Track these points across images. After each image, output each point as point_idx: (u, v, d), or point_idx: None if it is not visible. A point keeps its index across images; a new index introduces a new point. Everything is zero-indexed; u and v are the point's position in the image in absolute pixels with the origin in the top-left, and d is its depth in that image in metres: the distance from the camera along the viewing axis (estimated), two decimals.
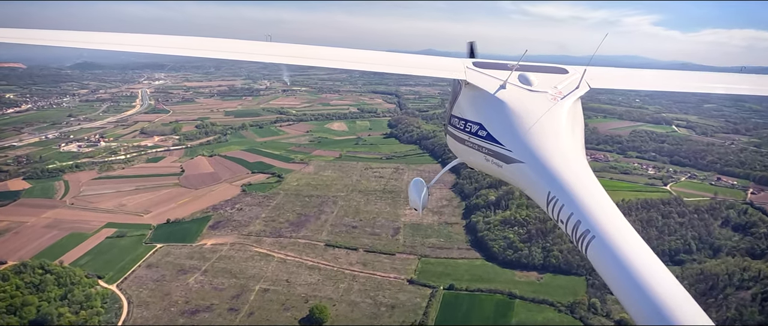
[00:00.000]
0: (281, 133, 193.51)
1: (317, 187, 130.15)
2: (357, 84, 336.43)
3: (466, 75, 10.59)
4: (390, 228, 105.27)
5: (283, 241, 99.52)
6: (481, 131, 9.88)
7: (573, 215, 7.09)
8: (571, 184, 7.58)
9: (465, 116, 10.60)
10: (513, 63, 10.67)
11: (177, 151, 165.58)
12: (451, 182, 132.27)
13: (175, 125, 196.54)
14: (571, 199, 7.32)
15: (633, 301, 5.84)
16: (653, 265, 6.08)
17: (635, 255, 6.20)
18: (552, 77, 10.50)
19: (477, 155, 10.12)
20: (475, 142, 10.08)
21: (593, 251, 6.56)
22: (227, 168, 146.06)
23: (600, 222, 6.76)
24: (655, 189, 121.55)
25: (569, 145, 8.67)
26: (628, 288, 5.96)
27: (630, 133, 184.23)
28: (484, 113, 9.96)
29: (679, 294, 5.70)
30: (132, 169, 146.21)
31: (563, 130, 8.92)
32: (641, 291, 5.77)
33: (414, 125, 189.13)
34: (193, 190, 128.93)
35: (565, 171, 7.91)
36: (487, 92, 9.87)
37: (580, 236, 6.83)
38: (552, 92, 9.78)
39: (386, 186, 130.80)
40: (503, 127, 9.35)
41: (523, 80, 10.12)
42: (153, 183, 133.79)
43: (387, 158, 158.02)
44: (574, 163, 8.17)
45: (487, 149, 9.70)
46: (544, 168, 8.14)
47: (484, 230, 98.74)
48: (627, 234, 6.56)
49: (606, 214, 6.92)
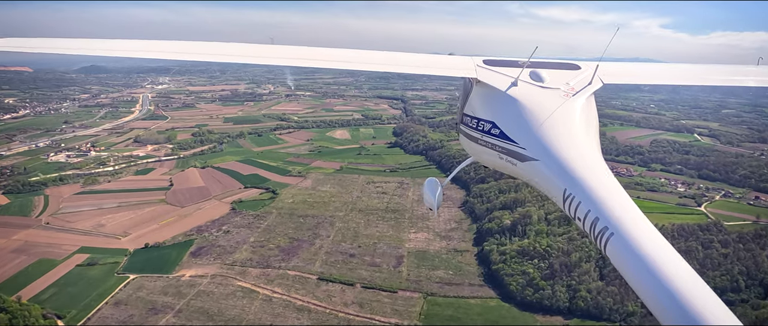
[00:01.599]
0: (280, 141, 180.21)
1: (313, 205, 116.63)
2: (362, 88, 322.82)
3: (477, 73, 10.29)
4: (392, 256, 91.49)
5: (271, 273, 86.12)
6: (494, 129, 9.57)
7: (590, 212, 6.77)
8: (588, 181, 7.25)
9: (477, 115, 10.30)
10: (523, 60, 10.28)
11: (169, 161, 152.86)
12: (460, 200, 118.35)
13: (170, 133, 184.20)
14: (588, 196, 6.99)
15: (658, 301, 5.48)
16: (677, 263, 5.75)
17: (657, 253, 5.86)
18: (564, 73, 10.14)
19: (491, 154, 9.80)
20: (488, 140, 9.77)
21: (613, 248, 6.25)
22: (219, 181, 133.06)
23: (619, 219, 6.44)
24: (689, 210, 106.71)
25: (584, 142, 8.34)
26: (651, 286, 5.60)
27: (650, 142, 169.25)
28: (497, 111, 9.68)
29: (706, 294, 5.32)
30: (118, 183, 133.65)
31: (578, 126, 8.64)
32: (666, 290, 5.41)
33: (420, 134, 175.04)
34: (178, 208, 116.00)
35: (581, 167, 7.56)
36: (498, 90, 9.62)
37: (598, 233, 6.51)
38: (564, 88, 9.45)
39: (389, 204, 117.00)
40: (516, 124, 9.04)
41: (535, 77, 9.82)
42: (138, 198, 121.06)
43: (391, 171, 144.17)
44: (590, 160, 7.83)
45: (500, 147, 9.37)
46: (560, 165, 7.80)
47: (499, 262, 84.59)
48: (647, 231, 6.25)
49: (624, 210, 6.61)
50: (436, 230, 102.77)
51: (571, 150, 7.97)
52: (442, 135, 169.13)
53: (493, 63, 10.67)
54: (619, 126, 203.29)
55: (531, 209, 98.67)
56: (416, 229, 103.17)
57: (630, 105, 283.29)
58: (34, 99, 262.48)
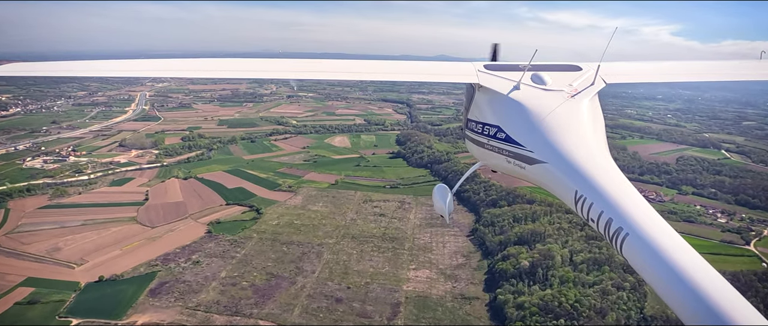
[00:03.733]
0: (274, 148, 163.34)
1: (301, 229, 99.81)
2: (367, 91, 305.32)
3: (479, 78, 10.08)
4: (387, 303, 74.41)
5: (239, 323, 69.47)
6: (499, 133, 9.45)
7: (604, 213, 6.61)
8: (599, 181, 7.07)
9: (482, 119, 10.19)
10: (524, 63, 9.84)
11: (150, 169, 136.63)
12: (469, 226, 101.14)
13: (158, 137, 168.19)
14: (601, 197, 6.82)
15: (680, 300, 5.31)
16: (697, 262, 5.52)
17: (675, 252, 5.67)
18: (566, 75, 9.87)
19: (498, 158, 9.69)
20: (495, 144, 9.65)
21: (629, 249, 6.06)
22: (199, 196, 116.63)
23: (633, 219, 6.24)
24: (737, 250, 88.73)
25: (592, 142, 8.13)
26: (672, 286, 5.43)
27: (677, 160, 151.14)
28: (501, 115, 9.55)
29: (730, 292, 5.08)
30: (89, 195, 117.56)
31: (584, 126, 8.47)
32: (688, 289, 5.21)
33: (425, 144, 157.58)
34: (148, 229, 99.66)
35: (591, 168, 7.37)
36: (501, 94, 9.43)
37: (613, 234, 6.32)
38: (567, 90, 9.26)
39: (387, 230, 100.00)
40: (522, 127, 8.90)
41: (537, 80, 9.59)
42: (106, 215, 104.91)
43: (391, 187, 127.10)
44: (600, 160, 7.63)
45: (507, 151, 9.22)
46: (570, 166, 7.62)
47: (516, 318, 67.24)
48: (663, 230, 6.03)
49: (638, 210, 6.39)
50: (440, 266, 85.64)
51: (579, 150, 7.75)
52: (449, 146, 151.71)
53: (494, 68, 10.42)
54: (640, 139, 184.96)
55: (553, 246, 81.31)
56: (417, 265, 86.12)
57: (646, 114, 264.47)
58: (30, 96, 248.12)
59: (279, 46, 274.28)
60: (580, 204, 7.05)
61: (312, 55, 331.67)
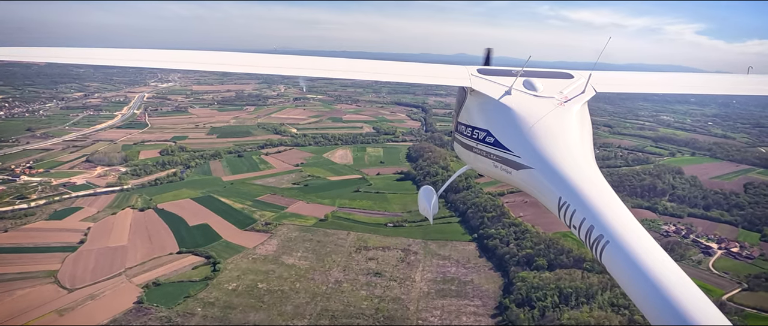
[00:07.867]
0: (262, 166, 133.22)
1: (263, 300, 69.67)
2: (381, 92, 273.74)
3: (471, 82, 9.75)
4: None
5: None
6: (488, 138, 9.16)
7: (585, 220, 6.49)
8: (583, 189, 6.91)
9: (472, 123, 9.87)
10: (517, 69, 9.78)
11: (106, 195, 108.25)
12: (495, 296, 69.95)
13: (133, 150, 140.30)
14: (583, 204, 6.68)
15: (649, 303, 5.32)
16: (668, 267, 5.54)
17: (650, 258, 5.65)
18: (557, 82, 9.64)
19: (485, 162, 9.42)
20: (483, 148, 9.39)
21: (608, 256, 5.98)
22: (150, 237, 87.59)
23: (613, 227, 6.16)
24: None
25: (578, 150, 7.91)
26: (643, 290, 5.44)
27: (744, 187, 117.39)
28: (491, 120, 9.26)
29: (696, 295, 5.18)
30: (16, 233, 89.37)
31: (572, 134, 8.22)
32: (657, 292, 5.25)
33: (439, 163, 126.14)
34: (64, 294, 70.90)
35: (576, 175, 7.21)
36: (492, 99, 9.15)
37: (594, 241, 6.22)
38: (558, 97, 9.01)
39: (382, 302, 69.36)
40: (511, 133, 8.65)
41: (529, 86, 9.35)
42: (20, 268, 76.64)
43: (395, 225, 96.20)
44: (585, 168, 7.44)
45: (495, 156, 9.00)
46: (555, 173, 7.45)
47: None
48: (641, 238, 6.00)
49: (619, 218, 6.32)
50: None
51: (565, 158, 7.63)
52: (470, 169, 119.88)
53: (487, 72, 10.12)
54: (691, 156, 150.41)
55: None
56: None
57: (685, 122, 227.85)
58: (23, 97, 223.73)
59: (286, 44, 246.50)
60: (563, 210, 6.95)
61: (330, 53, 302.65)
